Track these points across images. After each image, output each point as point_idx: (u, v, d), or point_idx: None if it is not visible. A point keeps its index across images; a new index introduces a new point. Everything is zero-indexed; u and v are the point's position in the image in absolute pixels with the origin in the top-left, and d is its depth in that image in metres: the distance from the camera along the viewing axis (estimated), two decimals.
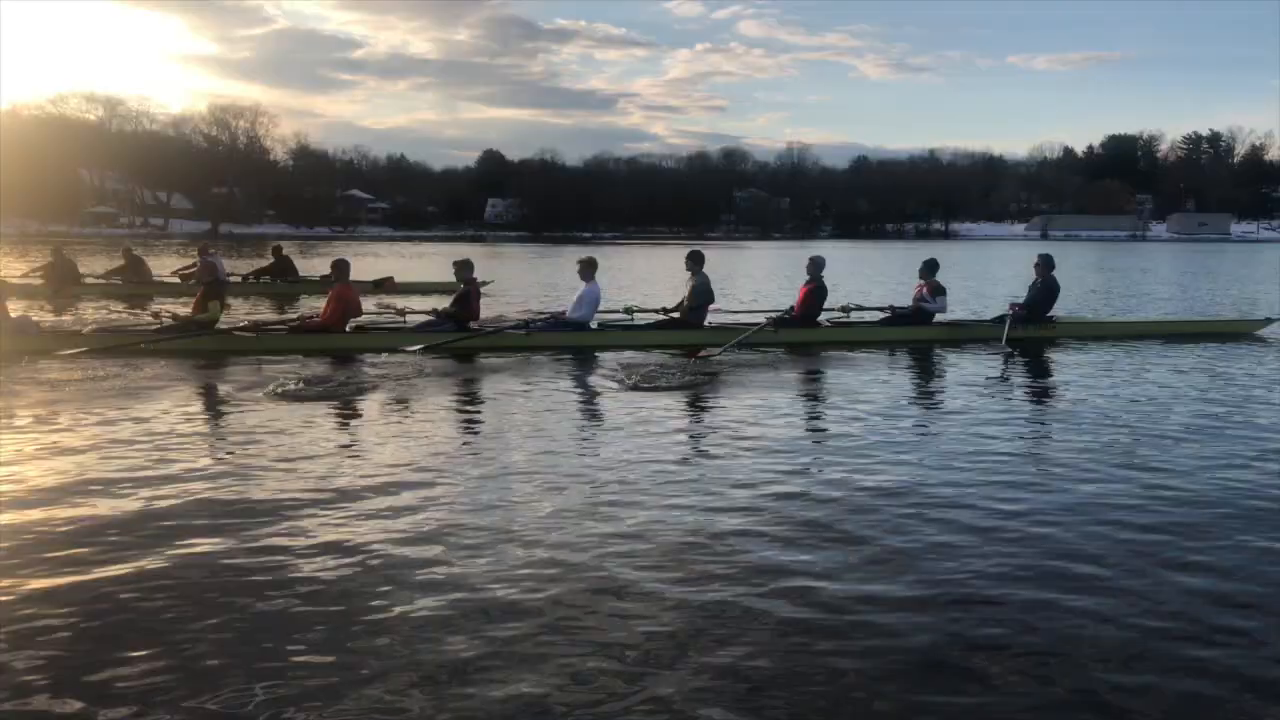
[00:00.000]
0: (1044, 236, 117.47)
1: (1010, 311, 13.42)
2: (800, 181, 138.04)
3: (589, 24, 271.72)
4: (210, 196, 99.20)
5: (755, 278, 30.33)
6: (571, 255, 53.03)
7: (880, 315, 14.03)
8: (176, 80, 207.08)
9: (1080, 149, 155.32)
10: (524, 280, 27.91)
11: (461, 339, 12.23)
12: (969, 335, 13.38)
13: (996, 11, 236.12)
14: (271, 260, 23.08)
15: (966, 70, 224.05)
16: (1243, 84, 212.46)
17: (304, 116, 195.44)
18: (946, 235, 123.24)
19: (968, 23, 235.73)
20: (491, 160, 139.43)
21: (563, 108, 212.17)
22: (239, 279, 22.01)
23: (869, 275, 32.06)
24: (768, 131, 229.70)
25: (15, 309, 13.52)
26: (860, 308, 14.28)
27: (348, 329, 12.53)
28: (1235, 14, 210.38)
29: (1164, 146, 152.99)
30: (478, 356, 11.67)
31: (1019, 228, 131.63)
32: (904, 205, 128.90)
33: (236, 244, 56.95)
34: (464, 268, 13.03)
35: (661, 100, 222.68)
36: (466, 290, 12.85)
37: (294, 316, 13.12)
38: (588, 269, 13.08)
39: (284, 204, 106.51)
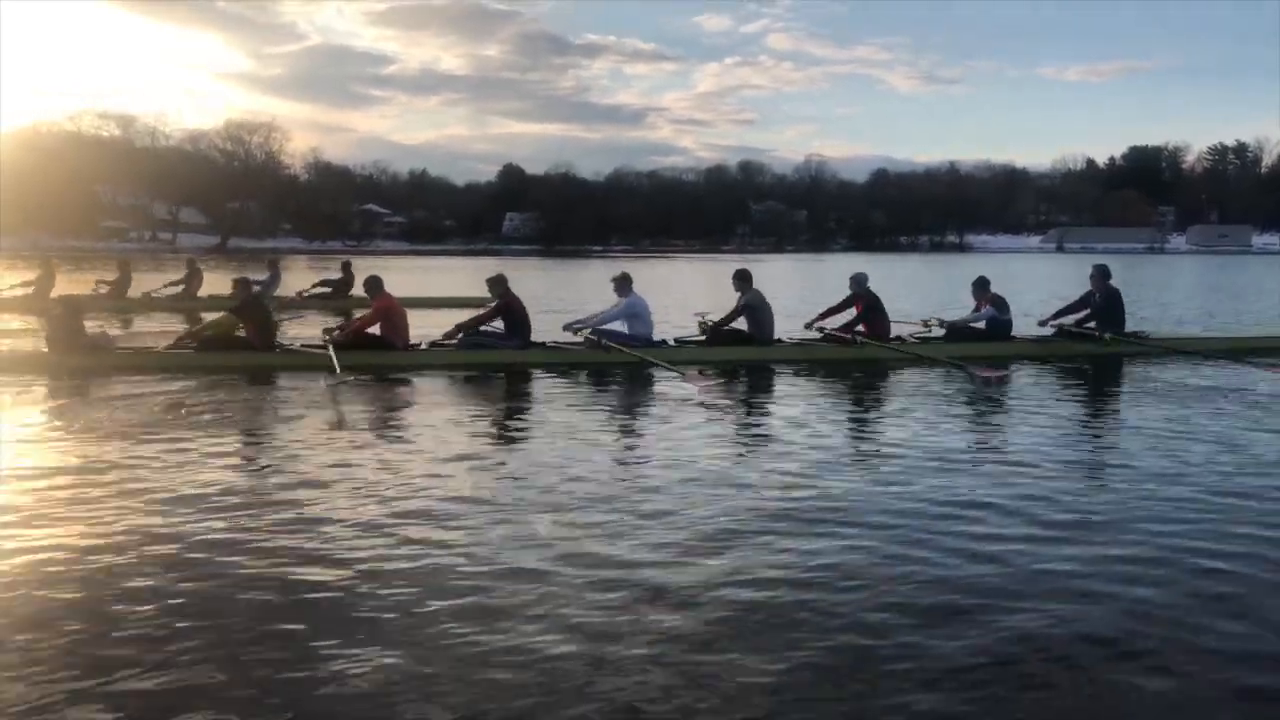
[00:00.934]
0: (1059, 249, 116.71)
1: (1075, 325, 13.19)
2: (817, 194, 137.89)
3: (618, 39, 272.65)
4: (225, 211, 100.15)
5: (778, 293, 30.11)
6: (581, 269, 55.04)
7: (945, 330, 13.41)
8: (211, 97, 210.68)
9: (1103, 160, 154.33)
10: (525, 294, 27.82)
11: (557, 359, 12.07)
12: (1054, 351, 12.87)
13: (1027, 23, 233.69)
14: (340, 275, 22.91)
15: (997, 81, 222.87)
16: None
17: (336, 132, 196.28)
18: (961, 248, 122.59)
19: (998, 34, 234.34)
20: (511, 174, 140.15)
21: (592, 122, 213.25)
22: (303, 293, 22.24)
23: (883, 288, 31.81)
24: (796, 144, 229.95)
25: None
26: (941, 322, 13.56)
27: (423, 345, 12.32)
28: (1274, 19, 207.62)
29: (1190, 157, 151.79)
30: (534, 373, 11.51)
31: (1035, 240, 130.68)
32: (921, 218, 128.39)
33: (247, 258, 57.56)
34: (497, 283, 12.58)
35: (690, 114, 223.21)
36: (507, 304, 12.43)
37: (334, 328, 12.89)
38: (624, 284, 12.65)
39: (301, 218, 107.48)
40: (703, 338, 12.95)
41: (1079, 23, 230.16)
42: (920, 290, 30.75)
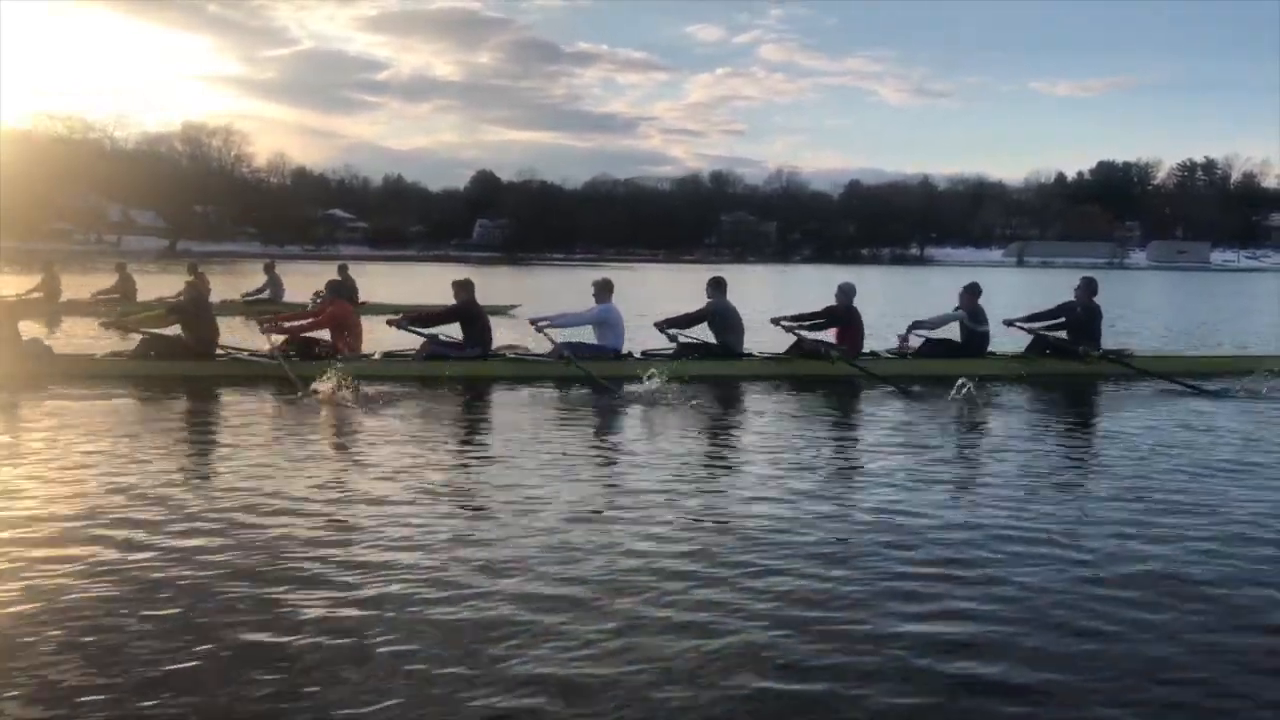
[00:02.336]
0: (1020, 263, 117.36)
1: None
2: (791, 206, 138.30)
3: (610, 48, 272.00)
4: (183, 214, 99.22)
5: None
6: (540, 275, 55.03)
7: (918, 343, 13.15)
8: (202, 100, 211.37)
9: (1072, 175, 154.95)
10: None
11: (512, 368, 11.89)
12: (1035, 370, 12.50)
13: (1018, 37, 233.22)
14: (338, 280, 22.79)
15: (987, 95, 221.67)
16: (1265, 107, 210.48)
17: (327, 137, 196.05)
18: (922, 260, 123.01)
19: (988, 47, 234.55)
20: (485, 181, 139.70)
21: (584, 131, 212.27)
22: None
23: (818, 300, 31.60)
24: (787, 155, 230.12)
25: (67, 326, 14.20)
26: (915, 324, 13.31)
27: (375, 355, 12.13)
28: (1264, 39, 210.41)
29: (1161, 173, 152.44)
30: (495, 385, 11.35)
31: (996, 253, 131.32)
32: (890, 230, 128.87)
33: (196, 261, 56.70)
34: (464, 287, 12.31)
35: (681, 124, 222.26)
36: (469, 310, 12.21)
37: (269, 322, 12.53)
38: (604, 290, 12.46)
39: (262, 222, 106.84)
40: (671, 348, 12.63)
41: (1068, 40, 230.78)
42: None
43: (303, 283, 25.73)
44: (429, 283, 23.05)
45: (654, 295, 31.41)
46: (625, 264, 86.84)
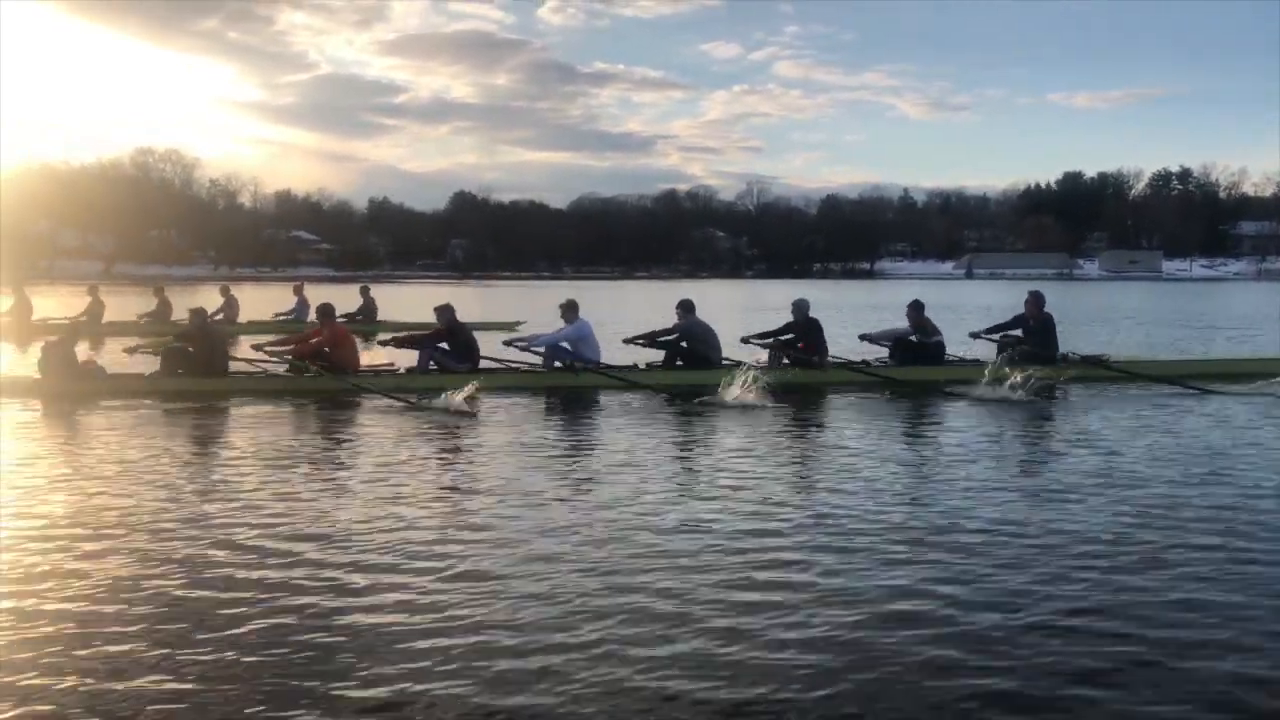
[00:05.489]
0: (969, 275, 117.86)
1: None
2: (760, 220, 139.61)
3: (627, 67, 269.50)
4: (138, 238, 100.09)
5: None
6: (480, 293, 55.19)
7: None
8: (222, 126, 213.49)
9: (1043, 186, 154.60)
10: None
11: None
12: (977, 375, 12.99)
13: (1037, 50, 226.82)
14: (361, 302, 24.16)
15: (1005, 108, 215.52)
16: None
17: (346, 161, 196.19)
18: (872, 274, 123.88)
19: (1007, 62, 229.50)
20: (464, 201, 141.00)
21: (601, 150, 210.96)
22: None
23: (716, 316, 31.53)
24: (805, 172, 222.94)
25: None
26: (863, 336, 14.67)
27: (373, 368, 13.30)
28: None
29: (1141, 184, 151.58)
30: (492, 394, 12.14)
31: (947, 266, 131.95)
32: (855, 243, 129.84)
33: (133, 284, 57.49)
34: (444, 311, 13.22)
35: (699, 142, 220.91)
36: (451, 330, 13.09)
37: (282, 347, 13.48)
38: (570, 310, 13.26)
39: (221, 245, 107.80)
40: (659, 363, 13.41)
41: (1087, 52, 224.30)
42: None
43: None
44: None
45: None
46: (577, 281, 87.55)
